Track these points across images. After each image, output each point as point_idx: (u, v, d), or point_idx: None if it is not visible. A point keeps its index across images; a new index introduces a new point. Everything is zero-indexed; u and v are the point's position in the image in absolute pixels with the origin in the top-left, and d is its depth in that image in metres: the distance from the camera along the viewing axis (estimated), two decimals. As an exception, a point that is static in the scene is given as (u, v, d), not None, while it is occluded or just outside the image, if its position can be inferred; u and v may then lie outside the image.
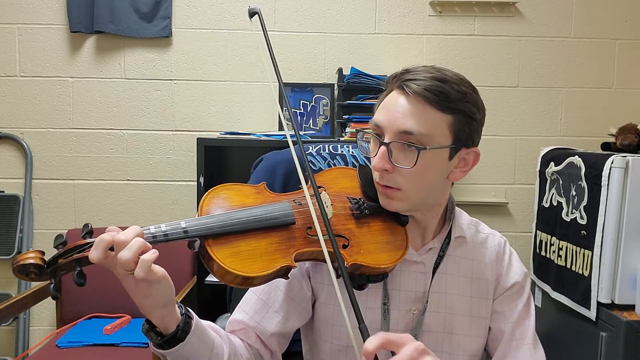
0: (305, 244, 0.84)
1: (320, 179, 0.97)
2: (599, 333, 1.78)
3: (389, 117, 0.88)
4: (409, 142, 0.86)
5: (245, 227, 0.81)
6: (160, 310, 0.75)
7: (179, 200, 2.46)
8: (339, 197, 0.93)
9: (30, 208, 2.42)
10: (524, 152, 2.50)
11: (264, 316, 0.94)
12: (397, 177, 0.88)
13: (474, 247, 1.02)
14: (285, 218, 0.84)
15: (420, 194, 0.91)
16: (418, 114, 0.86)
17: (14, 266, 0.72)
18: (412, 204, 0.92)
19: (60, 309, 2.25)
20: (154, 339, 0.77)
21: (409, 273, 0.96)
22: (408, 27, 2.46)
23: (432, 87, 0.85)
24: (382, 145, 0.87)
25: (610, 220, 1.77)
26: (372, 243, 0.88)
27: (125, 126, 2.45)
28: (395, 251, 0.89)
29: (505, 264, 1.03)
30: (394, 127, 0.87)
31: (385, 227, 0.92)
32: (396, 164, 0.87)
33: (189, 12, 2.42)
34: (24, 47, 2.40)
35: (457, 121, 0.88)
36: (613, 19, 2.47)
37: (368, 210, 0.91)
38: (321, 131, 2.42)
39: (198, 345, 0.79)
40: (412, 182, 0.88)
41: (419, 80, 0.86)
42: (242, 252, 0.79)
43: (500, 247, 1.05)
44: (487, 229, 1.08)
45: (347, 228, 0.89)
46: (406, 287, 0.96)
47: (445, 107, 0.86)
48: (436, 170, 0.90)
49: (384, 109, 0.90)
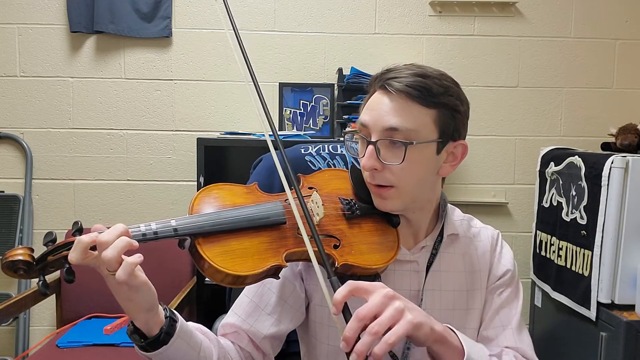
0: (296, 244, 0.84)
1: (313, 180, 0.97)
2: (599, 333, 1.78)
3: (374, 117, 0.89)
4: (395, 139, 0.86)
5: (236, 226, 0.81)
6: (144, 313, 0.75)
7: (179, 200, 2.46)
8: (331, 198, 0.93)
9: (30, 208, 2.42)
10: (524, 152, 2.50)
11: (256, 319, 0.94)
12: (387, 175, 0.88)
13: (467, 242, 1.03)
14: (276, 217, 0.84)
15: (412, 190, 0.91)
16: (402, 110, 0.87)
17: (2, 262, 0.72)
18: (406, 202, 0.92)
19: (60, 309, 2.25)
20: (137, 341, 0.77)
21: (402, 272, 0.97)
22: (408, 27, 2.46)
23: (414, 83, 0.87)
24: (370, 145, 0.88)
25: (610, 220, 1.77)
26: (363, 244, 0.88)
27: (125, 126, 2.45)
28: (387, 252, 0.89)
29: (497, 253, 1.05)
30: (379, 125, 0.87)
31: (377, 228, 0.92)
32: (385, 162, 0.87)
33: (189, 12, 2.42)
34: (24, 47, 2.40)
35: (442, 115, 0.89)
36: (613, 19, 2.47)
37: (359, 210, 0.91)
38: (321, 131, 2.42)
39: (183, 348, 0.79)
40: (403, 178, 0.88)
41: (401, 78, 0.88)
42: (232, 250, 0.79)
43: (494, 239, 1.06)
44: (479, 223, 1.09)
45: (338, 228, 0.89)
46: (400, 286, 0.96)
47: (428, 101, 0.87)
48: (425, 165, 0.90)
49: (369, 109, 0.91)
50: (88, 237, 0.70)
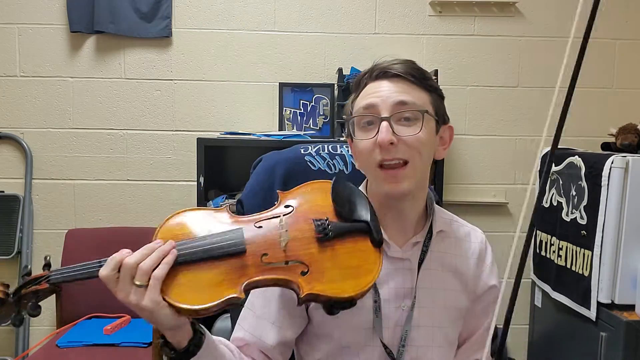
0: (258, 272, 0.79)
1: (292, 195, 0.91)
2: (599, 333, 1.78)
3: (380, 96, 0.90)
4: (409, 111, 0.89)
5: (192, 258, 0.78)
6: (169, 331, 0.77)
7: (179, 200, 2.46)
8: (304, 219, 0.86)
9: (30, 208, 2.42)
10: (524, 152, 2.50)
11: (262, 331, 0.95)
12: (402, 148, 0.89)
13: (456, 242, 1.04)
14: (233, 247, 0.79)
15: (422, 165, 0.93)
16: (407, 90, 0.91)
17: None
18: (417, 179, 0.93)
19: (60, 309, 2.25)
20: (168, 354, 0.80)
21: (395, 270, 0.97)
22: (408, 27, 2.45)
23: (410, 69, 0.91)
24: (383, 121, 0.88)
25: (610, 220, 1.77)
26: (336, 269, 0.81)
27: (125, 126, 2.44)
28: (364, 276, 0.82)
29: (489, 264, 1.05)
30: (389, 101, 0.89)
31: (355, 249, 0.84)
32: (400, 135, 0.88)
33: (189, 12, 2.42)
34: (24, 47, 2.40)
35: (435, 99, 0.94)
36: (613, 19, 2.47)
37: (332, 232, 0.83)
38: (321, 131, 2.42)
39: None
40: (418, 150, 0.90)
41: (395, 65, 0.92)
42: (187, 283, 0.76)
43: (483, 245, 1.06)
44: (467, 223, 1.09)
45: (309, 253, 0.82)
46: (394, 284, 0.97)
47: (425, 85, 0.92)
48: (432, 141, 0.94)
49: (370, 95, 0.92)
50: (119, 255, 0.75)
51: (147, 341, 1.96)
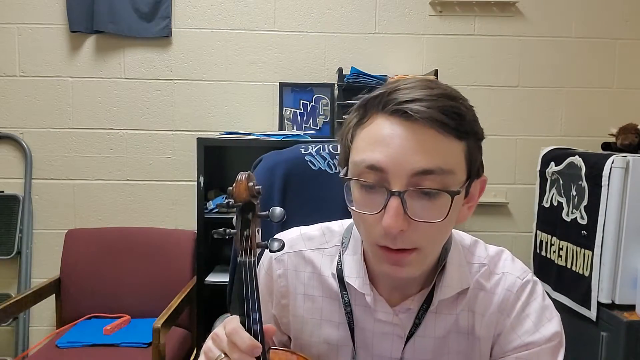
0: None
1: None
2: (600, 333, 1.78)
3: (392, 156, 0.64)
4: (429, 189, 0.64)
5: None
6: None
7: (178, 200, 2.46)
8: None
9: (30, 208, 2.42)
10: (524, 152, 2.50)
11: None
12: (414, 235, 0.65)
13: (479, 297, 0.78)
14: None
15: (436, 250, 0.72)
16: (432, 146, 0.63)
17: None
18: (425, 266, 0.72)
19: (60, 309, 2.25)
20: None
21: (382, 335, 0.78)
22: (408, 27, 2.45)
23: (446, 108, 0.64)
24: (393, 197, 0.63)
25: (611, 221, 1.77)
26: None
27: (125, 126, 2.44)
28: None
29: (515, 314, 0.76)
30: (405, 169, 0.63)
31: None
32: (415, 218, 0.64)
33: (189, 12, 2.42)
34: (23, 47, 2.39)
35: (470, 147, 0.68)
36: (613, 19, 2.47)
37: None
38: (321, 131, 2.42)
39: None
40: (434, 238, 0.68)
41: (423, 101, 0.63)
42: None
43: (512, 292, 0.77)
44: (504, 264, 0.80)
45: None
46: (379, 352, 0.78)
47: (461, 132, 0.65)
48: (454, 220, 0.69)
49: (380, 145, 0.65)
50: None
51: (147, 341, 1.96)
